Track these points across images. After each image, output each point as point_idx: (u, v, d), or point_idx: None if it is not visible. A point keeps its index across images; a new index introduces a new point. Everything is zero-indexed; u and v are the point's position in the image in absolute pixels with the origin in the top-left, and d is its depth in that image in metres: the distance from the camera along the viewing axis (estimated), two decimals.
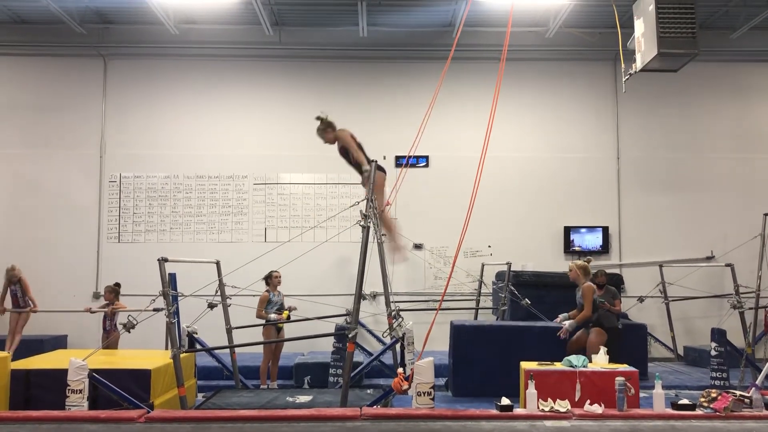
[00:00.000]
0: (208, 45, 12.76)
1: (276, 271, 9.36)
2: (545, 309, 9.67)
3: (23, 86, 12.82)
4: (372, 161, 7.69)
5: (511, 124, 12.56)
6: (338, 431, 5.58)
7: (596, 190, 12.95)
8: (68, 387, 6.16)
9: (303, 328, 9.93)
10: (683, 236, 12.78)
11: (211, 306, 8.30)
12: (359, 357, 9.64)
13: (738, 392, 6.16)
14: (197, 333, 8.26)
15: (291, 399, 7.38)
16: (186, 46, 12.75)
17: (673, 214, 12.84)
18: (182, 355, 7.38)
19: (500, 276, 11.47)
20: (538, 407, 6.07)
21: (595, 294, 9.26)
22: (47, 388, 6.73)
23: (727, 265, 11.10)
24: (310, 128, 12.71)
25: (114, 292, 9.80)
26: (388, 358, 8.97)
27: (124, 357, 8.51)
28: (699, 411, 6.04)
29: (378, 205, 7.53)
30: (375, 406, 6.51)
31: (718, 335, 9.14)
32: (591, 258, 9.59)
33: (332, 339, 9.23)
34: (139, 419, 5.78)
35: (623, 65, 7.70)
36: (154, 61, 12.92)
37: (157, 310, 7.56)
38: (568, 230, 12.78)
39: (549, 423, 5.79)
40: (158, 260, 7.31)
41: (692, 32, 7.01)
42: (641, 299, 12.05)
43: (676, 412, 6.02)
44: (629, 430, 5.67)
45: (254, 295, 9.06)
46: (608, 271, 10.30)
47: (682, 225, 12.83)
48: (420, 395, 6.00)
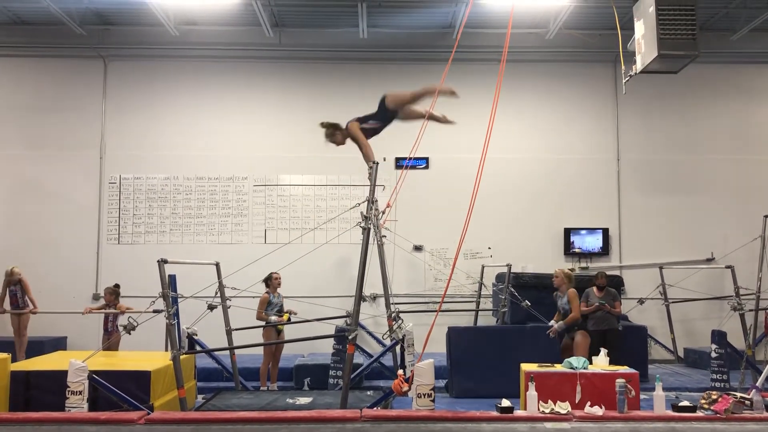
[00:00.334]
0: (208, 46, 12.76)
1: (276, 273, 9.36)
2: (545, 311, 9.67)
3: (23, 87, 12.82)
4: (374, 163, 7.65)
5: (512, 126, 12.55)
6: None
7: (596, 192, 12.95)
8: (68, 388, 6.16)
9: (303, 330, 9.91)
10: (683, 238, 12.78)
11: (211, 307, 8.30)
12: (359, 359, 9.64)
13: (738, 394, 6.15)
14: (197, 334, 8.26)
15: (291, 401, 7.39)
16: (186, 48, 12.75)
17: (674, 216, 12.84)
18: (182, 357, 7.38)
19: (500, 278, 11.47)
20: (539, 409, 6.07)
21: (592, 297, 9.43)
22: (47, 390, 6.73)
23: (728, 267, 11.09)
24: (310, 129, 12.77)
25: (114, 294, 9.79)
26: (388, 360, 8.97)
27: (124, 358, 8.52)
28: (699, 413, 6.03)
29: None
30: (375, 408, 6.51)
31: (719, 337, 9.13)
32: (575, 268, 9.93)
33: (332, 341, 9.23)
34: (139, 421, 5.77)
35: (623, 67, 7.70)
36: (155, 63, 12.92)
37: (157, 312, 7.55)
38: (568, 232, 12.78)
39: (549, 425, 5.78)
40: (158, 262, 7.30)
41: (692, 34, 7.01)
42: (641, 301, 12.04)
43: (677, 414, 6.02)
44: None
45: (254, 297, 9.06)
46: (608, 273, 10.32)
47: (683, 227, 12.82)
48: (420, 397, 5.99)
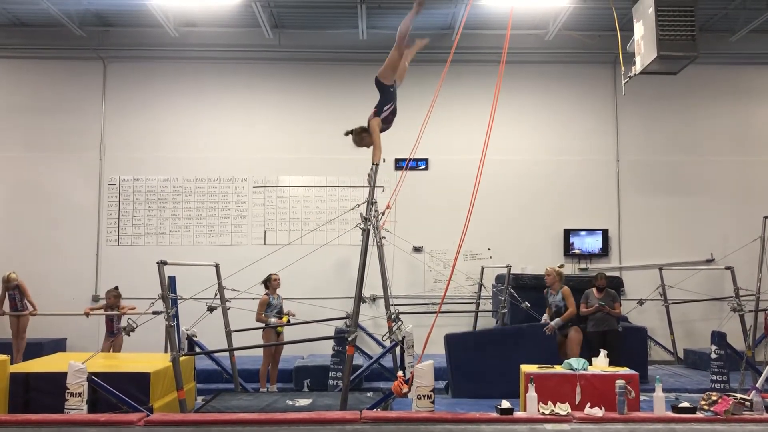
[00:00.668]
0: (208, 48, 12.76)
1: (275, 274, 9.36)
2: (544, 312, 9.68)
3: (23, 89, 12.81)
4: (374, 164, 7.62)
5: (511, 127, 12.55)
6: None
7: (596, 193, 12.95)
8: (67, 390, 6.17)
9: (303, 331, 9.90)
10: (683, 239, 12.78)
11: (211, 309, 8.28)
12: (359, 360, 9.64)
13: (738, 395, 6.15)
14: (197, 336, 8.26)
15: (291, 402, 7.38)
16: (185, 49, 12.75)
17: (673, 217, 12.84)
18: (182, 358, 7.37)
19: (500, 279, 11.47)
20: (539, 410, 6.06)
21: (591, 298, 9.49)
22: (46, 392, 6.72)
23: (727, 268, 11.10)
24: (310, 130, 12.87)
25: (117, 296, 9.77)
26: (388, 362, 8.96)
27: (124, 360, 8.51)
28: (699, 414, 6.03)
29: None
30: (375, 410, 6.50)
31: (718, 338, 9.13)
32: (564, 264, 10.13)
33: (332, 342, 9.23)
34: (139, 422, 5.77)
35: (623, 68, 7.71)
36: (154, 64, 12.92)
37: (157, 313, 7.55)
38: (568, 233, 12.77)
39: (549, 426, 5.78)
40: (157, 263, 7.29)
41: (692, 35, 7.02)
42: (641, 302, 12.03)
43: (677, 415, 6.01)
44: None
45: (254, 298, 9.06)
46: (608, 274, 10.33)
47: (682, 228, 12.82)
48: (420, 398, 5.99)
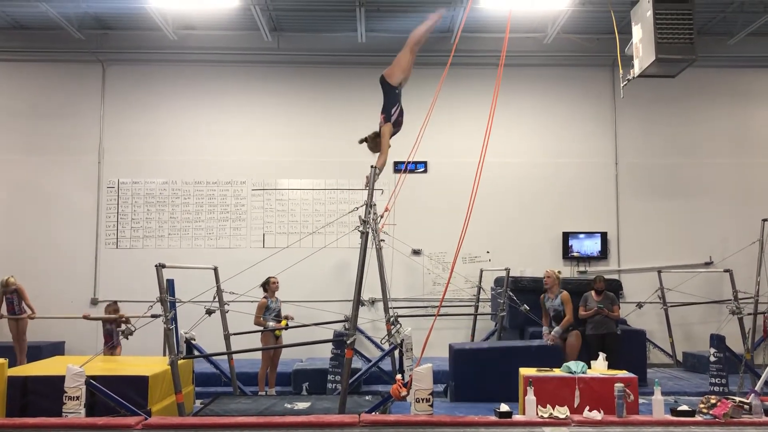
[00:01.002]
0: (207, 51, 12.76)
1: (274, 278, 9.35)
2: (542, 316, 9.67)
3: (21, 92, 12.81)
4: (373, 167, 7.62)
5: (510, 130, 12.56)
6: None
7: (594, 196, 12.95)
8: (65, 394, 6.15)
9: (301, 335, 9.89)
10: (682, 242, 12.78)
11: (209, 312, 8.28)
12: (358, 363, 9.62)
13: (737, 398, 6.15)
14: (195, 339, 8.25)
15: (289, 405, 7.37)
16: (184, 52, 12.75)
17: (672, 220, 12.84)
18: (180, 362, 7.36)
19: (499, 282, 11.46)
20: (537, 414, 6.05)
21: (590, 301, 9.47)
22: (44, 395, 6.71)
23: (726, 271, 11.09)
24: (309, 133, 12.87)
25: (116, 311, 9.65)
26: (387, 365, 8.96)
27: (122, 364, 8.49)
28: (698, 417, 6.03)
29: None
30: (373, 413, 6.50)
31: (717, 341, 9.14)
32: (561, 271, 10.17)
33: (331, 345, 9.22)
34: (137, 426, 5.76)
35: (621, 71, 7.71)
36: (153, 67, 12.92)
37: (155, 317, 7.54)
38: (567, 236, 12.77)
39: (548, 429, 5.77)
40: (156, 266, 7.29)
41: (690, 38, 7.02)
42: (640, 305, 12.02)
43: (676, 419, 6.01)
44: None
45: (252, 302, 9.05)
46: (607, 277, 10.33)
47: (681, 230, 12.83)
48: (418, 402, 5.97)
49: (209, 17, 12.06)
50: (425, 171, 12.80)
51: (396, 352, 7.53)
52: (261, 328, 9.14)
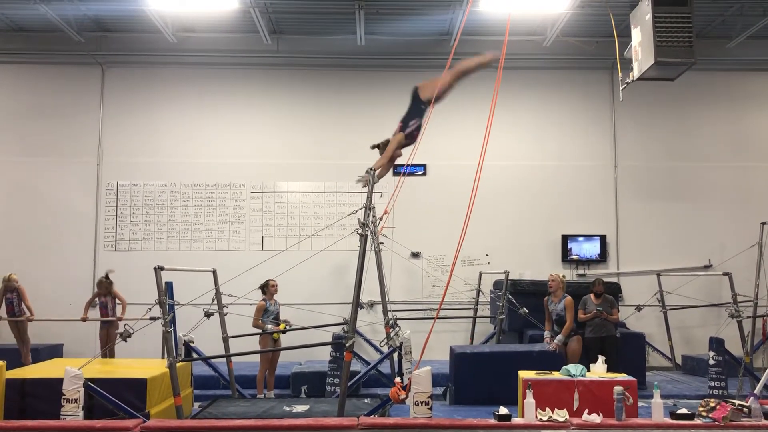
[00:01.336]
0: (206, 53, 12.76)
1: (272, 280, 9.34)
2: (543, 318, 9.64)
3: (21, 94, 12.81)
4: (370, 169, 7.60)
5: (509, 133, 12.56)
6: None
7: (594, 199, 12.96)
8: (63, 396, 6.12)
9: (300, 337, 9.89)
10: (681, 245, 12.78)
11: (208, 315, 8.27)
12: (356, 366, 9.61)
13: (737, 401, 6.13)
14: (194, 342, 8.24)
15: (288, 408, 7.35)
16: (184, 55, 12.75)
17: (671, 223, 12.85)
18: (178, 364, 7.35)
19: (498, 284, 11.46)
20: (536, 417, 6.04)
21: (589, 304, 9.47)
22: (42, 398, 6.71)
23: (725, 274, 11.09)
24: (308, 136, 12.87)
25: (110, 284, 9.74)
26: (386, 368, 8.95)
27: (120, 366, 8.48)
28: (698, 420, 6.01)
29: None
30: (372, 416, 6.48)
31: (717, 344, 9.13)
32: (565, 275, 10.13)
33: (329, 348, 9.21)
34: (135, 429, 5.73)
35: (620, 74, 7.72)
36: (152, 70, 12.92)
37: (154, 319, 7.53)
38: (566, 239, 12.77)
39: None
40: (155, 269, 7.28)
41: (689, 41, 7.03)
42: (639, 308, 12.02)
43: (675, 422, 5.99)
44: None
45: (251, 304, 9.03)
46: (606, 280, 10.32)
47: (680, 234, 12.83)
48: (417, 405, 5.96)
49: (208, 20, 12.06)
50: (424, 173, 12.79)
51: (395, 355, 7.52)
52: (260, 331, 9.13)
